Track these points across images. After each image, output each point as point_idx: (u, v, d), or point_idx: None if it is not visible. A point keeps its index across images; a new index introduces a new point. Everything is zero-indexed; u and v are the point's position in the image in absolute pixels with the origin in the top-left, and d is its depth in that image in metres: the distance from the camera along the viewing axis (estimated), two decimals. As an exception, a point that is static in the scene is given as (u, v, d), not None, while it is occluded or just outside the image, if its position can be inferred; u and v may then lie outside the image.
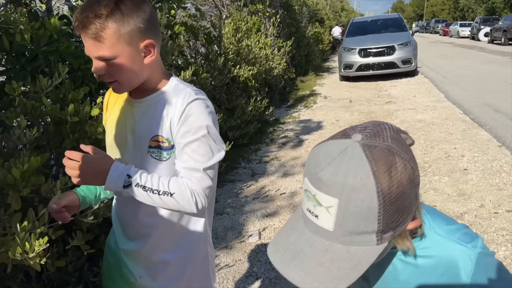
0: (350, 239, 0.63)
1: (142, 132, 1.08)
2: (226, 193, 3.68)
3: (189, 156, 1.03)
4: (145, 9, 0.99)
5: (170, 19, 3.53)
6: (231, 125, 4.98)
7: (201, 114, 1.02)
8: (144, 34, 0.99)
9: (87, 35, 0.95)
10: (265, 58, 6.45)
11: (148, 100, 1.08)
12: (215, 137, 1.05)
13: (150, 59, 1.02)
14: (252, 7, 7.99)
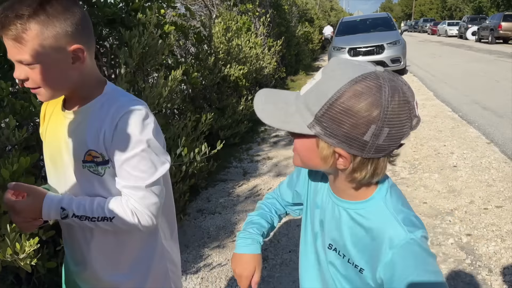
0: (301, 108, 0.75)
1: (75, 146, 1.01)
2: (218, 193, 3.67)
3: (129, 174, 0.96)
4: (75, 12, 0.92)
5: (159, 18, 3.52)
6: (222, 124, 4.97)
7: (137, 127, 0.95)
8: (72, 39, 0.91)
9: (6, 37, 0.88)
10: (255, 57, 6.45)
11: (80, 112, 1.01)
12: (157, 149, 0.98)
13: (79, 66, 0.94)
14: (242, 7, 7.99)
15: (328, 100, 0.71)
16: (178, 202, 2.89)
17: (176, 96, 3.83)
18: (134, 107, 0.97)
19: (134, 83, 3.01)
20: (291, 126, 0.76)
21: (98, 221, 0.96)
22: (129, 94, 1.03)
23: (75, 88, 0.98)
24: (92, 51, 0.99)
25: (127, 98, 1.00)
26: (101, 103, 0.99)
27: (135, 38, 2.88)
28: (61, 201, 0.97)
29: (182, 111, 4.57)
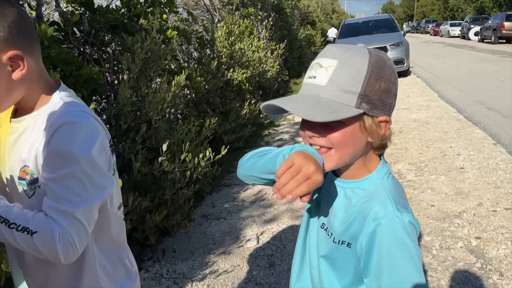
0: (336, 95, 0.76)
1: (13, 159, 0.91)
2: (222, 198, 3.64)
3: (57, 195, 0.82)
4: (7, 13, 0.81)
5: (162, 23, 3.51)
6: (226, 128, 4.95)
7: (74, 141, 0.83)
8: (6, 44, 0.81)
9: None
10: (258, 61, 6.44)
11: (23, 121, 0.91)
12: (96, 171, 0.85)
13: (20, 74, 0.84)
14: (244, 11, 7.99)
15: (365, 75, 0.75)
16: (183, 208, 2.86)
17: (180, 101, 3.82)
18: (76, 118, 0.85)
19: (137, 88, 3.00)
20: (343, 113, 0.75)
21: (17, 230, 0.79)
22: (79, 104, 0.92)
23: (22, 97, 0.89)
24: (36, 55, 0.89)
25: (73, 109, 0.88)
26: (46, 113, 0.88)
27: (137, 44, 2.86)
28: None
29: (186, 116, 4.55)
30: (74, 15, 2.82)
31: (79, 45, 2.95)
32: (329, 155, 0.80)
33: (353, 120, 0.77)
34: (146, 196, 2.64)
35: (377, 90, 0.76)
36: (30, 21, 0.87)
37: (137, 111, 2.94)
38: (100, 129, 0.89)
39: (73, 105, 0.90)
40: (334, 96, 0.75)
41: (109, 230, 0.98)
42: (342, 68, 0.75)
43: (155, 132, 2.95)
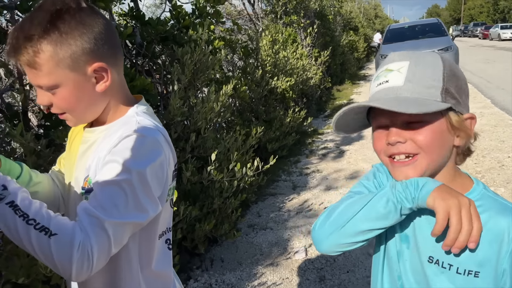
0: (419, 91, 0.72)
1: (80, 169, 0.90)
2: (268, 207, 3.62)
3: (96, 200, 0.76)
4: (93, 25, 0.80)
5: (209, 34, 3.56)
6: (270, 137, 4.93)
7: (132, 153, 0.79)
8: (92, 56, 0.80)
9: (20, 62, 0.79)
10: (302, 68, 6.40)
11: (95, 132, 0.90)
12: (144, 189, 0.78)
13: (104, 86, 0.83)
14: (287, 19, 7.99)
15: (443, 70, 0.73)
16: (230, 217, 2.86)
17: (226, 110, 3.85)
18: (144, 132, 0.82)
19: (186, 98, 3.05)
20: (434, 106, 0.71)
21: (35, 228, 0.70)
22: (152, 121, 0.88)
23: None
24: (119, 67, 0.88)
25: (145, 123, 0.85)
26: (118, 126, 0.86)
27: (187, 55, 2.91)
28: (5, 179, 0.73)
29: (231, 124, 4.58)
30: (127, 28, 2.92)
31: (132, 57, 3.05)
32: (416, 163, 0.73)
33: (439, 118, 0.73)
34: (195, 205, 2.67)
35: (455, 87, 0.73)
36: (115, 32, 0.86)
37: (186, 121, 2.99)
38: (165, 150, 0.85)
39: (147, 119, 0.87)
40: (417, 93, 0.72)
41: (150, 261, 0.91)
42: (417, 66, 0.73)
43: (203, 141, 2.98)
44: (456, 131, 0.74)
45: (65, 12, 0.78)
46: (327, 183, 4.08)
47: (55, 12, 0.77)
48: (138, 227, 0.81)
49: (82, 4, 0.80)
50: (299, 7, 8.35)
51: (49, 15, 0.77)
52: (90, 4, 0.83)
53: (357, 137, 5.77)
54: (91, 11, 0.82)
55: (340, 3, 12.44)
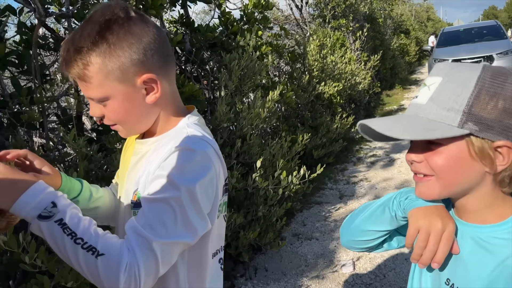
0: (436, 113, 0.67)
1: (130, 181, 0.89)
2: (313, 216, 3.53)
3: (144, 218, 0.74)
4: (142, 34, 0.78)
5: (257, 40, 3.54)
6: (316, 143, 4.83)
7: (181, 169, 0.76)
8: (141, 67, 0.78)
9: (71, 75, 0.79)
10: (350, 73, 6.25)
11: (146, 144, 0.88)
12: (193, 206, 0.75)
13: (154, 97, 0.81)
14: (335, 23, 7.85)
15: (472, 90, 0.65)
16: (275, 226, 2.81)
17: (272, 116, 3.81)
18: (194, 146, 0.79)
19: (232, 104, 3.04)
20: (440, 132, 0.66)
21: (82, 247, 0.69)
22: (203, 133, 0.84)
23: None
24: (170, 78, 0.85)
25: (195, 136, 0.82)
26: (168, 138, 0.84)
27: (234, 61, 2.91)
28: (56, 195, 0.71)
29: (276, 130, 4.54)
30: (177, 35, 2.96)
31: (181, 64, 3.09)
32: (430, 183, 0.70)
33: (457, 143, 0.66)
34: (240, 212, 2.64)
35: (491, 109, 0.64)
36: (166, 42, 0.83)
37: (232, 126, 2.98)
38: (216, 164, 0.82)
39: (197, 132, 0.84)
40: (434, 115, 0.67)
41: (201, 282, 0.87)
42: (446, 84, 0.68)
43: (248, 147, 2.96)
44: (482, 158, 0.66)
45: (114, 23, 0.76)
46: (375, 193, 3.92)
47: (104, 23, 0.76)
48: (187, 246, 0.78)
49: (131, 14, 0.78)
50: (348, 11, 8.19)
51: (98, 26, 0.76)
52: (141, 13, 0.81)
53: (408, 144, 5.53)
54: (141, 20, 0.79)
55: (391, 6, 12.08)
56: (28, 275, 1.76)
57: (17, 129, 2.01)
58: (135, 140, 0.92)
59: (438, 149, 0.67)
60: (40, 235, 0.70)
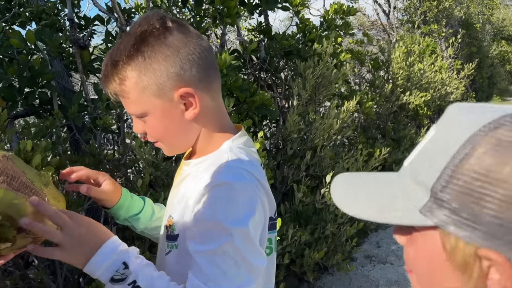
0: (407, 185, 0.46)
1: (169, 203, 0.83)
2: (389, 238, 3.26)
3: (203, 272, 0.68)
4: (179, 46, 0.72)
5: (335, 47, 3.40)
6: (397, 158, 4.51)
7: (228, 210, 0.69)
8: (178, 81, 0.72)
9: (110, 91, 0.75)
10: (440, 82, 5.77)
11: (189, 165, 0.82)
12: (250, 247, 0.69)
13: (193, 113, 0.74)
14: (426, 28, 7.34)
15: (451, 160, 0.41)
16: (344, 246, 2.63)
17: (348, 127, 3.62)
18: (236, 180, 0.71)
19: (305, 114, 2.93)
20: (393, 215, 0.45)
21: None
22: (247, 160, 0.76)
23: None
24: (214, 92, 0.77)
25: (238, 166, 0.73)
26: (209, 163, 0.76)
27: (309, 69, 2.80)
28: (127, 255, 0.70)
29: (352, 141, 4.32)
30: (252, 43, 2.94)
31: (255, 72, 3.06)
32: (412, 280, 0.50)
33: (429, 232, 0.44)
34: (306, 228, 2.52)
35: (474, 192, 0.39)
36: (209, 54, 0.76)
37: (304, 136, 2.87)
38: (261, 196, 0.74)
39: (239, 161, 0.75)
40: (406, 185, 0.47)
41: None
42: (432, 144, 0.46)
43: (319, 160, 2.82)
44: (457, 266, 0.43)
45: (150, 34, 0.71)
46: (463, 217, 3.53)
47: (139, 35, 0.71)
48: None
49: (167, 24, 0.72)
50: (440, 16, 7.62)
51: (133, 39, 0.71)
52: (181, 22, 0.75)
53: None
54: (178, 30, 0.73)
55: (491, 10, 11.03)
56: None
57: (94, 133, 2.11)
58: (184, 160, 0.87)
59: (413, 234, 0.47)
60: None
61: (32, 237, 0.68)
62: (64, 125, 2.18)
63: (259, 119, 2.64)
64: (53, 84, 2.11)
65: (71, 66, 2.45)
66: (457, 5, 8.16)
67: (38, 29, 2.33)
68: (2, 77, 2.00)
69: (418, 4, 7.70)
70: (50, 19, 2.47)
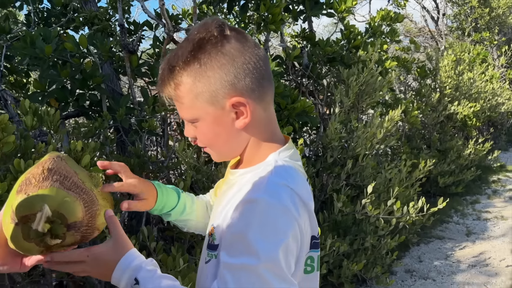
0: None
1: (214, 212, 0.84)
2: (432, 252, 3.13)
3: (225, 281, 0.66)
4: (235, 55, 0.72)
5: (381, 54, 3.32)
6: (443, 170, 4.33)
7: (261, 231, 0.66)
8: (231, 90, 0.72)
9: (165, 95, 0.77)
10: (491, 92, 5.50)
11: (235, 175, 0.82)
12: (277, 275, 0.66)
13: (243, 122, 0.74)
14: (477, 36, 7.03)
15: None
16: (384, 259, 2.55)
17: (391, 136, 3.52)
18: (274, 198, 0.68)
19: (347, 121, 2.88)
20: None
21: None
22: (289, 176, 0.73)
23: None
24: (266, 103, 0.77)
25: (278, 182, 0.71)
26: (253, 174, 0.76)
27: (353, 77, 2.75)
28: (138, 269, 0.73)
29: (396, 151, 4.20)
30: (295, 49, 2.93)
31: (297, 78, 3.05)
32: None
33: None
34: (345, 238, 2.46)
35: None
36: (265, 64, 0.76)
37: (345, 143, 2.82)
38: (302, 217, 0.71)
39: (281, 175, 0.73)
40: None
41: None
42: None
43: (361, 169, 2.76)
44: None
45: (207, 42, 0.72)
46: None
47: (197, 42, 0.72)
48: None
49: (226, 32, 0.73)
50: (493, 23, 7.28)
51: (191, 45, 0.72)
52: (239, 30, 0.75)
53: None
54: (236, 39, 0.73)
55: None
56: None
57: (140, 135, 2.18)
58: (229, 167, 0.87)
59: None
60: None
61: (81, 235, 0.71)
62: (111, 127, 2.26)
63: (299, 125, 2.62)
64: (102, 86, 2.19)
65: (120, 70, 2.54)
66: (511, 12, 7.76)
67: (90, 33, 2.44)
68: (56, 79, 2.11)
69: (469, 11, 7.40)
70: (102, 24, 2.57)
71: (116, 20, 2.81)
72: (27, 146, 1.37)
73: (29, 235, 0.67)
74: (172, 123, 2.91)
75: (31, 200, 0.65)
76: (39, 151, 1.38)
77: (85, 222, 0.70)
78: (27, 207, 0.65)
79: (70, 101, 2.17)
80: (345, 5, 3.07)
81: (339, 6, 3.06)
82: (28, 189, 0.67)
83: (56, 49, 2.10)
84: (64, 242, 0.69)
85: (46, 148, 1.39)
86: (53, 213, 0.67)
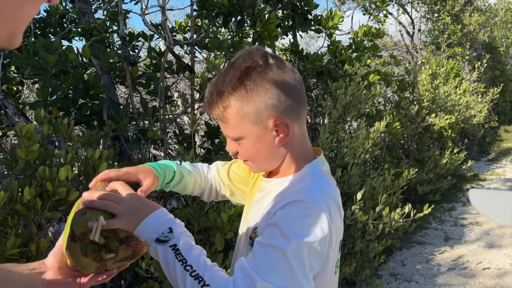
0: None
1: (252, 217, 0.92)
2: (414, 257, 3.29)
3: (254, 260, 0.74)
4: (278, 81, 0.82)
5: (366, 68, 3.49)
6: (422, 178, 4.54)
7: (296, 223, 0.75)
8: (274, 111, 0.82)
9: (213, 116, 0.87)
10: (465, 105, 5.79)
11: (270, 183, 0.91)
12: (299, 264, 0.72)
13: (283, 139, 0.84)
14: (449, 51, 7.39)
15: None
16: (372, 263, 2.68)
17: (375, 146, 3.70)
18: (313, 203, 0.77)
19: (334, 132, 3.02)
20: None
21: (191, 275, 0.72)
22: (325, 185, 0.84)
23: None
24: (301, 121, 0.88)
25: (316, 189, 0.80)
26: (290, 182, 0.86)
27: (341, 90, 2.90)
28: (173, 222, 0.77)
29: (378, 160, 4.38)
30: (286, 62, 3.06)
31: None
32: None
33: None
34: (336, 244, 2.58)
35: None
36: (301, 87, 0.87)
37: (331, 154, 2.95)
38: (334, 221, 0.80)
39: (320, 183, 0.83)
40: None
41: None
42: None
43: (348, 177, 2.90)
44: None
45: (253, 70, 0.82)
46: (488, 240, 3.53)
47: (244, 70, 0.82)
48: None
49: (269, 61, 0.84)
50: (464, 39, 7.66)
51: (239, 73, 0.82)
52: (279, 58, 0.86)
53: (530, 189, 4.91)
54: (277, 66, 0.84)
55: (516, 33, 10.99)
56: (138, 278, 1.93)
57: (141, 143, 2.24)
58: (261, 177, 0.97)
59: None
60: (155, 257, 0.75)
61: (132, 249, 0.78)
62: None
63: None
64: (103, 96, 2.26)
65: (118, 80, 2.61)
66: (481, 28, 8.19)
67: (91, 44, 2.50)
68: (59, 89, 2.16)
69: (442, 27, 7.77)
70: (100, 36, 2.64)
71: (113, 31, 2.88)
72: (48, 153, 1.43)
73: (86, 251, 0.73)
74: (170, 133, 2.98)
75: (87, 217, 0.72)
76: (59, 158, 1.45)
77: (135, 237, 0.76)
78: (85, 223, 0.72)
79: (72, 110, 2.23)
80: (332, 22, 3.25)
81: (327, 22, 3.23)
82: (84, 209, 0.74)
83: (58, 60, 2.16)
84: (117, 257, 0.76)
85: (65, 156, 1.45)
86: (107, 229, 0.73)
